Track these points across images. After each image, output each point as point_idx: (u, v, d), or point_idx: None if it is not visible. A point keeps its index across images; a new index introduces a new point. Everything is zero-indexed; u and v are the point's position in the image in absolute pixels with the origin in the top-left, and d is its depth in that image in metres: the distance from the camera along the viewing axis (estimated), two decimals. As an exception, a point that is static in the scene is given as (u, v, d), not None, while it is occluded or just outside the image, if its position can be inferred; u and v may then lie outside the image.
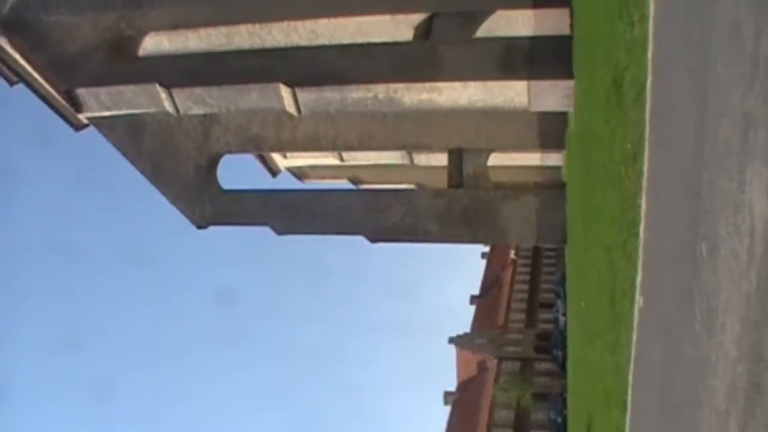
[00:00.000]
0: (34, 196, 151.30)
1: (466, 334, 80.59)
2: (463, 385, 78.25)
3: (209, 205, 43.58)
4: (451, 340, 79.98)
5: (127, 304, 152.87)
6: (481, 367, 76.01)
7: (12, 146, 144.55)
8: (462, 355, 78.86)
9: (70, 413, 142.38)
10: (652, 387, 14.81)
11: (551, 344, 64.97)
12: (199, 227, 43.84)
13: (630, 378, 17.95)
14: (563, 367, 58.22)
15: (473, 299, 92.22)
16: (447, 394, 78.02)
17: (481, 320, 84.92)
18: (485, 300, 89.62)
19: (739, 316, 8.34)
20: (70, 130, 43.56)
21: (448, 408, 76.48)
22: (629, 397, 18.20)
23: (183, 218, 43.37)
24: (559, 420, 57.71)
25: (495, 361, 73.86)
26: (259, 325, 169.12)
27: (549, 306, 74.98)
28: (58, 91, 39.55)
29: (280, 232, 43.01)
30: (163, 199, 43.18)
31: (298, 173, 61.70)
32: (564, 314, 54.84)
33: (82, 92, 39.20)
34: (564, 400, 56.69)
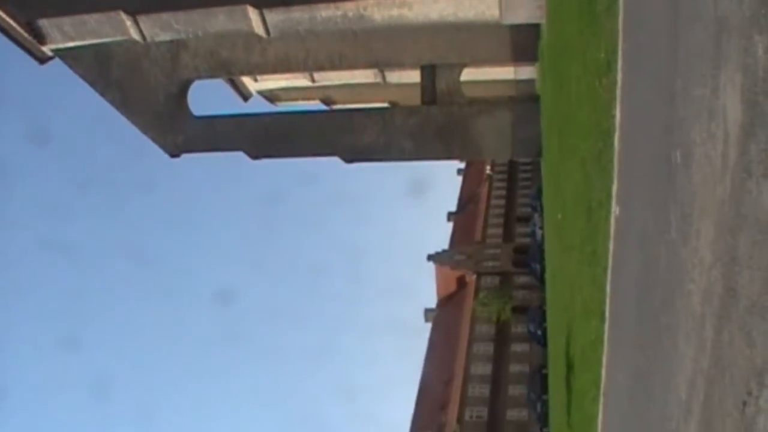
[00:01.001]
0: (33, 195, 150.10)
1: (444, 251, 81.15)
2: (443, 302, 79.16)
3: (181, 132, 43.16)
4: (430, 258, 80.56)
5: (126, 304, 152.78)
6: (461, 283, 76.80)
7: (9, 144, 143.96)
8: (441, 271, 79.54)
9: (69, 413, 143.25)
10: (630, 295, 14.99)
11: (529, 258, 65.59)
12: (172, 155, 43.47)
13: (608, 288, 18.17)
14: (542, 280, 58.93)
15: (450, 216, 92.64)
16: (427, 311, 78.96)
17: (459, 236, 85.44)
18: (462, 216, 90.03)
19: (714, 221, 8.38)
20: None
21: (429, 325, 77.52)
22: (607, 307, 18.46)
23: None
24: (539, 332, 58.62)
25: (474, 277, 74.61)
26: (258, 324, 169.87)
27: (526, 220, 75.47)
28: (19, 24, 38.56)
29: (255, 156, 42.76)
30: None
31: (270, 96, 61.08)
32: (541, 227, 55.25)
33: (44, 23, 38.30)
34: (543, 313, 57.51)
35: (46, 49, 40.04)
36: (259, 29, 36.63)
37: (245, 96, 55.86)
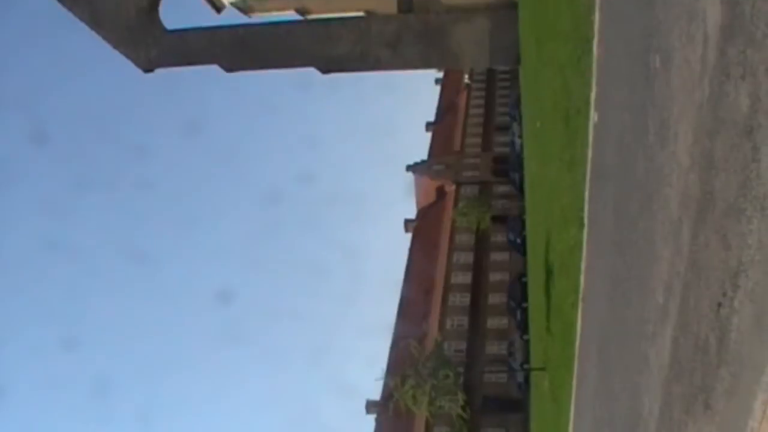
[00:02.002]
0: (33, 194, 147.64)
1: (423, 162, 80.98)
2: (422, 212, 79.39)
3: (154, 46, 42.34)
4: (409, 168, 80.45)
5: (125, 303, 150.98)
6: (440, 193, 76.92)
7: (10, 144, 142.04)
8: (420, 182, 79.52)
9: (68, 413, 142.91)
10: (608, 201, 15.08)
11: (508, 167, 65.59)
12: (146, 71, 42.75)
13: (586, 194, 18.26)
14: (521, 188, 59.09)
15: (429, 126, 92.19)
16: (407, 221, 79.22)
17: (437, 146, 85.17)
18: (441, 126, 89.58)
19: (692, 125, 8.37)
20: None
21: (409, 235, 77.86)
22: (586, 213, 18.58)
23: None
24: (518, 241, 59.04)
25: (453, 187, 74.68)
26: (256, 324, 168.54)
27: (505, 129, 75.18)
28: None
29: (230, 69, 42.15)
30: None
31: (243, 7, 59.76)
32: (520, 136, 55.12)
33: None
34: (522, 222, 57.81)
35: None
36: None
37: (218, 7, 54.66)
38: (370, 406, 58.37)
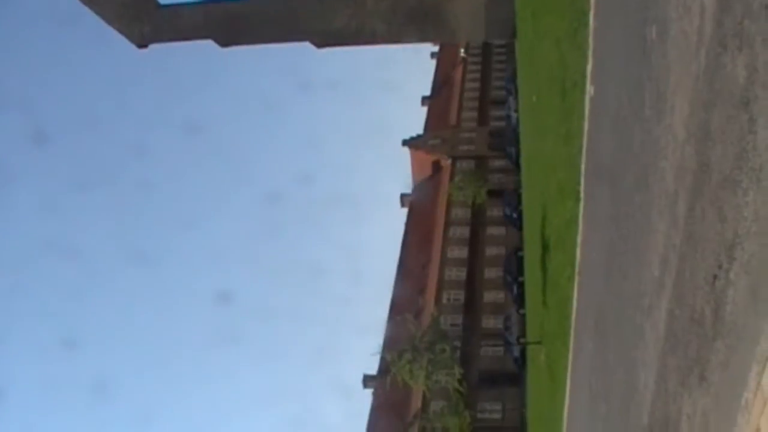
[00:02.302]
0: (32, 194, 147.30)
1: (419, 136, 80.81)
2: (418, 187, 79.34)
3: (147, 22, 42.08)
4: (405, 143, 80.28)
5: (124, 303, 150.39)
6: (436, 168, 76.83)
7: (10, 144, 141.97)
8: (416, 156, 79.37)
9: (68, 412, 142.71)
10: (604, 175, 15.07)
11: (504, 141, 65.49)
12: (140, 46, 42.52)
13: (582, 167, 18.25)
14: (517, 163, 59.03)
15: (425, 100, 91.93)
16: (403, 196, 79.17)
17: (433, 121, 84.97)
18: (437, 100, 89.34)
19: (688, 97, 8.34)
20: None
21: (405, 210, 77.87)
22: (582, 187, 18.58)
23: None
24: (515, 215, 59.06)
25: (449, 161, 74.60)
26: (256, 323, 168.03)
27: (501, 103, 74.99)
28: None
29: (224, 44, 41.93)
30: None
31: (238, -19, 59.46)
32: (516, 110, 55.00)
33: None
34: (518, 196, 57.80)
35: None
36: None
37: (212, -18, 54.37)
38: (367, 380, 58.62)
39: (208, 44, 41.99)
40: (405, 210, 77.83)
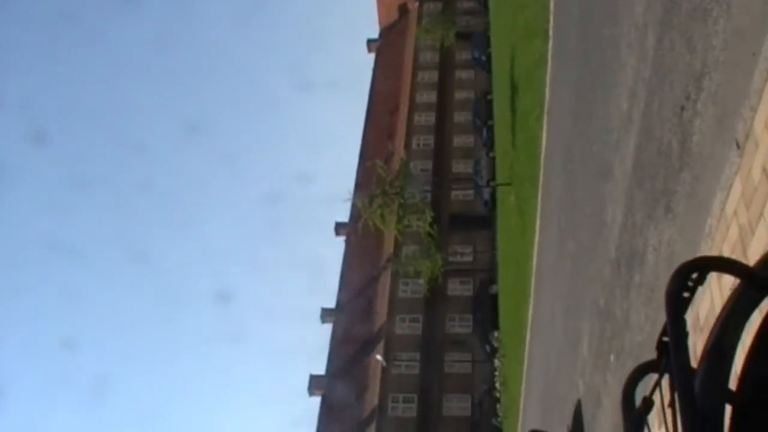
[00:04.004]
0: (31, 194, 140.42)
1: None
2: (385, 31, 77.92)
3: None
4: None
5: (124, 302, 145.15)
6: (403, 11, 75.35)
7: (9, 144, 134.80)
8: None
9: (67, 411, 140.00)
10: (573, 11, 14.84)
11: (472, -19, 64.26)
12: None
13: (551, 5, 17.96)
14: (485, 3, 58.04)
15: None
16: (370, 42, 77.74)
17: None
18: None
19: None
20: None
21: (372, 56, 76.61)
22: (551, 25, 18.34)
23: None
24: (483, 58, 58.51)
25: (416, 3, 73.17)
26: (256, 322, 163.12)
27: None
28: None
29: None
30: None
31: None
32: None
33: None
34: (487, 38, 57.09)
35: None
36: None
37: None
38: (339, 227, 59.38)
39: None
40: (372, 56, 76.79)
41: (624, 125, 9.89)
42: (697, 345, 2.46)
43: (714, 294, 5.13)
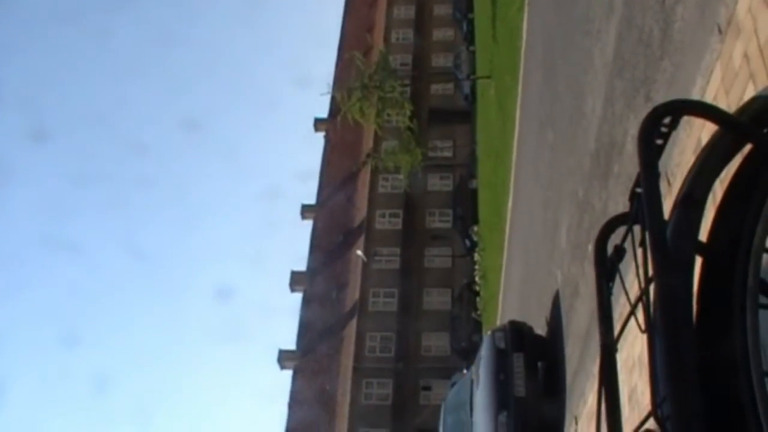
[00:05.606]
0: (31, 192, 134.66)
1: None
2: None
3: None
4: None
5: (125, 300, 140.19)
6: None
7: (10, 142, 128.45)
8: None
9: (68, 409, 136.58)
10: None
11: None
12: None
13: None
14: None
15: None
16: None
17: None
18: None
19: None
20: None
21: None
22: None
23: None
24: (465, 21, 56.94)
25: None
26: (256, 322, 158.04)
27: None
28: None
29: None
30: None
31: None
32: None
33: None
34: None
35: None
36: None
37: None
38: (318, 123, 58.98)
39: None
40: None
41: (605, 14, 9.76)
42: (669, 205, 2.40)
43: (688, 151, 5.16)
